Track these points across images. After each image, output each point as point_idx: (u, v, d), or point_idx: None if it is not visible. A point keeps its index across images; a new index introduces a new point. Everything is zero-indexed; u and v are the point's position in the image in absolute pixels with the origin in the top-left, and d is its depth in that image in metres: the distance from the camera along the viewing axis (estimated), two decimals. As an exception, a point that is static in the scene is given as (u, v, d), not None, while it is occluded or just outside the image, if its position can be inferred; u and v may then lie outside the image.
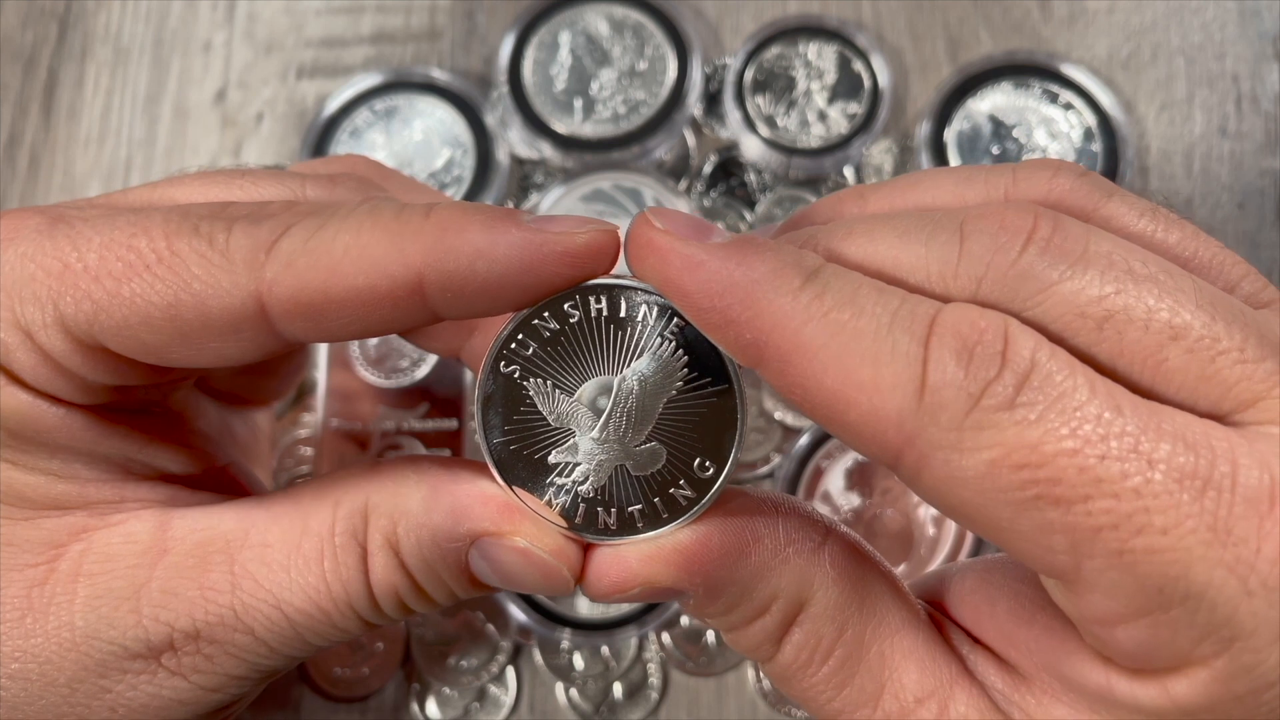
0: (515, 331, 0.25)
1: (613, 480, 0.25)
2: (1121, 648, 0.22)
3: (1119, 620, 0.21)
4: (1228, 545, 0.20)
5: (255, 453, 0.39)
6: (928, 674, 0.25)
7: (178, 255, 0.25)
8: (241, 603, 0.27)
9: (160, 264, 0.25)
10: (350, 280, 0.24)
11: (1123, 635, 0.21)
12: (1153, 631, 0.21)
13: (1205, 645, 0.20)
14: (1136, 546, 0.20)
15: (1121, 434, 0.20)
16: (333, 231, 0.24)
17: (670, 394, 0.25)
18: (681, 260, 0.22)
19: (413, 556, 0.26)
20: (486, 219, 0.24)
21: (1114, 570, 0.20)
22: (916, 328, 0.21)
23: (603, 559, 0.26)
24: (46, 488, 0.27)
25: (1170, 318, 0.22)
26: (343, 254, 0.24)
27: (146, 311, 0.25)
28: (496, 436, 0.25)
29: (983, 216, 0.23)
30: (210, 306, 0.24)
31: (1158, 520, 0.20)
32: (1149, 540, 0.20)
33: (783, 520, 0.26)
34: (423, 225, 0.24)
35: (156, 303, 0.25)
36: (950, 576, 0.28)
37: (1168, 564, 0.20)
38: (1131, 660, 0.22)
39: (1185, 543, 0.20)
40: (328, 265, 0.24)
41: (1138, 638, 0.21)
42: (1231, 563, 0.20)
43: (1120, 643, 0.21)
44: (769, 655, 0.26)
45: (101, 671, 0.27)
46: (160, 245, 0.25)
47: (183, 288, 0.24)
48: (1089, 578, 0.21)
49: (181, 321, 0.25)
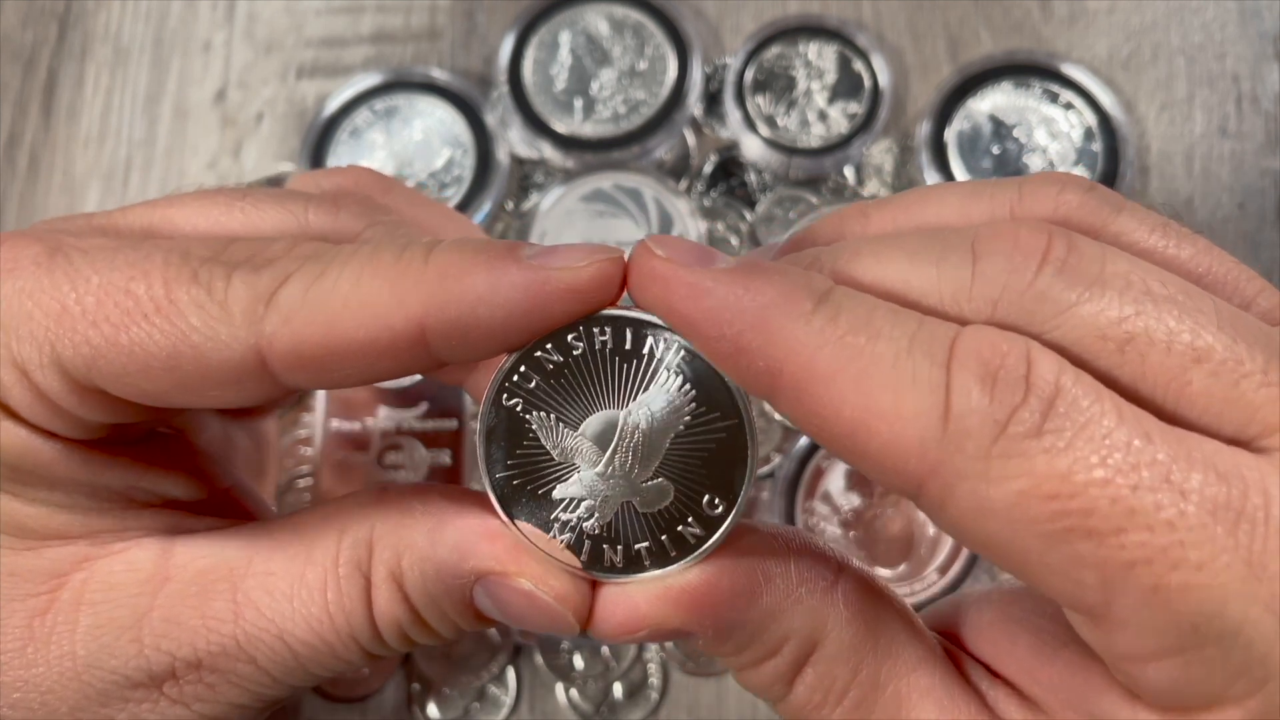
0: (518, 364, 0.24)
1: (619, 517, 0.25)
2: (1152, 686, 0.21)
3: (1151, 658, 0.20)
4: (1264, 580, 0.19)
5: (260, 463, 0.39)
6: (946, 712, 0.24)
7: (176, 304, 0.24)
8: (244, 632, 0.26)
9: (158, 313, 0.24)
10: (350, 333, 0.23)
11: (1154, 673, 0.21)
12: (1185, 670, 0.20)
13: (1239, 684, 0.20)
14: (1171, 583, 0.19)
15: (1153, 463, 0.20)
16: (332, 280, 0.23)
17: (677, 429, 0.24)
18: (686, 288, 0.22)
19: (416, 590, 0.26)
20: (488, 260, 0.23)
21: (1147, 607, 0.20)
22: (937, 351, 0.21)
23: (609, 601, 0.25)
24: (48, 518, 0.27)
25: (1192, 340, 0.21)
26: (342, 306, 0.23)
27: (145, 360, 0.24)
28: (499, 471, 0.25)
29: (995, 236, 0.23)
30: (209, 359, 0.24)
31: (1193, 555, 0.19)
32: (1184, 576, 0.19)
33: (794, 559, 0.25)
34: (423, 272, 0.23)
35: (155, 352, 0.24)
36: (967, 608, 0.27)
37: (1203, 601, 0.19)
38: (1162, 699, 0.21)
39: (1220, 579, 0.19)
40: (326, 319, 0.23)
41: (1170, 676, 0.20)
42: (1268, 599, 0.19)
43: (1151, 681, 0.21)
44: (781, 695, 0.25)
45: (103, 701, 0.27)
46: (159, 292, 0.24)
47: (181, 339, 0.24)
48: (1121, 615, 0.20)
49: (181, 372, 0.24)
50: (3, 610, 0.27)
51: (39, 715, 0.27)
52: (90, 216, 0.29)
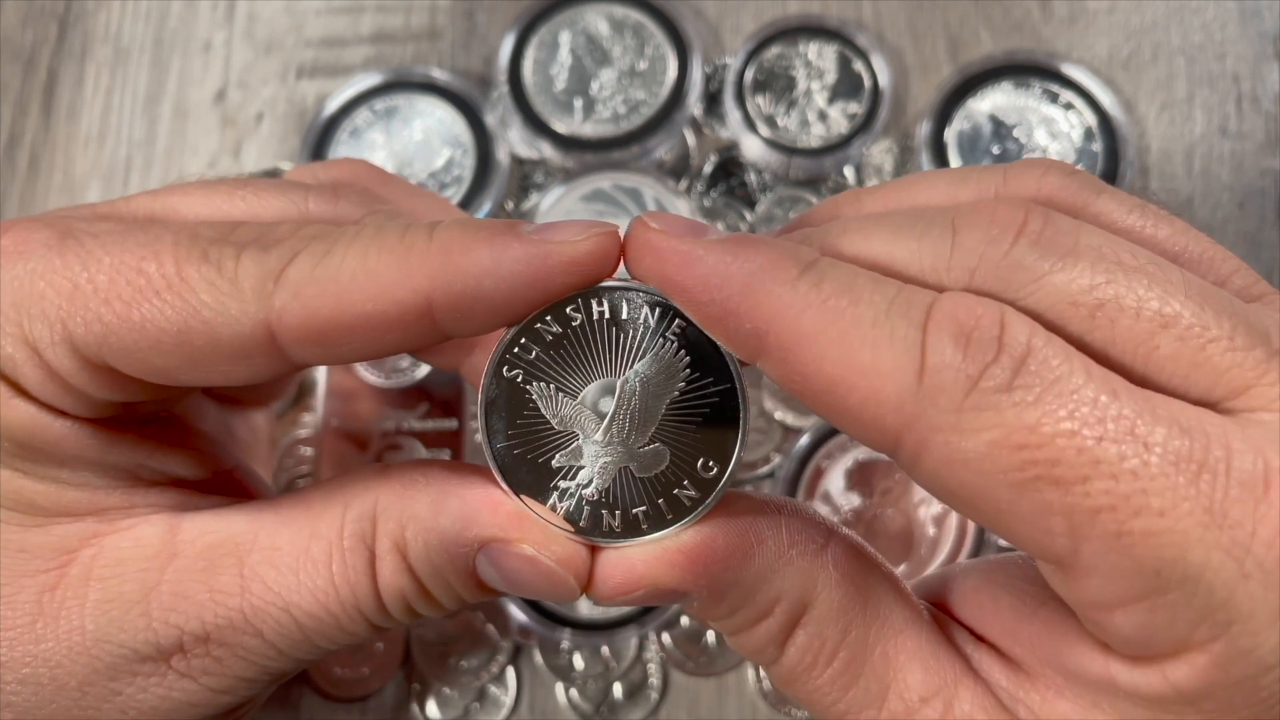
0: (518, 336, 0.25)
1: (617, 482, 0.25)
2: (1120, 633, 0.22)
3: (1117, 604, 0.21)
4: (1224, 528, 0.20)
5: (255, 453, 0.39)
6: (932, 673, 0.25)
7: (187, 282, 0.25)
8: (250, 605, 0.27)
9: (170, 290, 0.25)
10: (359, 307, 0.24)
11: (1121, 620, 0.21)
12: (1150, 615, 0.21)
13: (1203, 629, 0.21)
14: (1134, 528, 0.20)
15: (1118, 417, 0.20)
16: (339, 257, 0.24)
17: (673, 395, 0.25)
18: (678, 257, 0.23)
19: (420, 561, 0.26)
20: (490, 236, 0.24)
21: (1112, 553, 0.21)
22: (914, 314, 0.22)
23: (607, 562, 0.26)
24: (57, 495, 0.27)
25: (1160, 306, 0.22)
26: (350, 280, 0.24)
27: (156, 336, 0.25)
28: (500, 441, 0.25)
29: (974, 211, 0.24)
30: (220, 334, 0.25)
31: (1155, 502, 0.20)
32: (1146, 522, 0.20)
33: (786, 521, 0.26)
34: (428, 248, 0.24)
35: (166, 328, 0.25)
36: (953, 576, 0.28)
37: (1165, 546, 0.20)
38: (1130, 646, 0.22)
39: (1182, 525, 0.20)
40: (335, 292, 0.24)
41: (1136, 622, 0.21)
42: (1228, 545, 0.20)
43: (1119, 628, 0.22)
44: (773, 658, 0.26)
45: (111, 675, 0.27)
46: (170, 270, 0.25)
47: (192, 314, 0.25)
48: (1087, 561, 0.21)
49: (191, 347, 0.25)
50: (12, 586, 0.27)
51: (48, 690, 0.27)
52: (94, 206, 0.30)
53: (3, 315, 0.26)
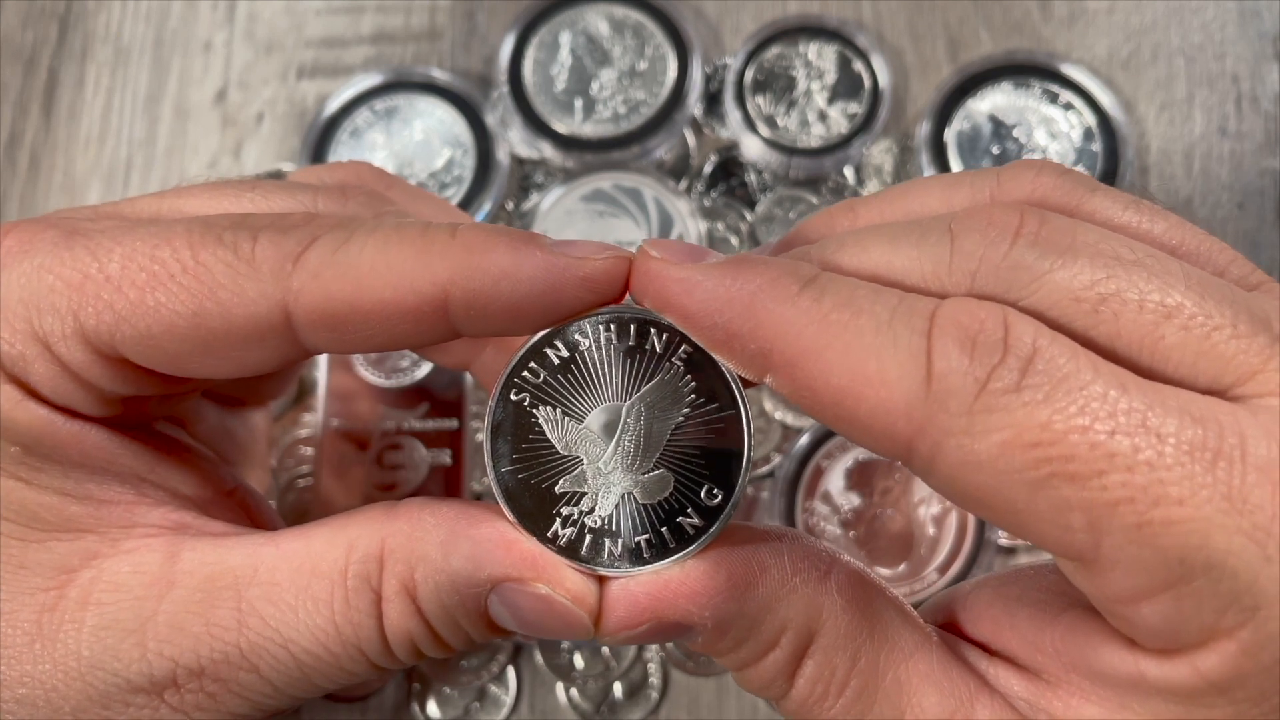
0: (525, 360, 0.25)
1: (620, 509, 0.25)
2: (1147, 625, 0.22)
3: (1143, 596, 0.21)
4: (1244, 513, 0.20)
5: (254, 453, 0.39)
6: (947, 694, 0.25)
7: (203, 265, 0.25)
8: (248, 641, 0.26)
9: (185, 273, 0.25)
10: (377, 293, 0.24)
11: (1148, 612, 0.21)
12: (1177, 605, 0.21)
13: (1229, 616, 0.21)
14: (1155, 518, 0.20)
15: (1129, 410, 0.20)
16: (359, 244, 0.24)
17: (677, 420, 0.25)
18: (680, 283, 0.23)
19: (430, 603, 0.26)
20: (512, 241, 0.24)
21: (1134, 544, 0.20)
22: (917, 321, 0.22)
23: (611, 597, 0.26)
24: (59, 508, 0.27)
25: (1162, 298, 0.22)
26: (369, 267, 0.24)
27: (171, 321, 0.25)
28: (504, 465, 0.25)
29: (971, 216, 0.24)
30: (235, 315, 0.25)
31: (1173, 491, 0.20)
32: (1166, 511, 0.20)
33: (788, 549, 0.26)
34: (449, 244, 0.24)
35: (181, 311, 0.25)
36: (962, 595, 0.27)
37: (1187, 534, 0.20)
38: (1158, 639, 0.22)
39: (1203, 512, 0.20)
40: (355, 277, 0.24)
41: (1162, 613, 0.21)
42: (1250, 530, 0.20)
43: (1145, 620, 0.21)
44: (783, 691, 0.26)
45: (104, 703, 0.27)
46: (185, 255, 0.25)
47: (208, 296, 0.25)
48: (1109, 554, 0.21)
49: (206, 330, 0.25)
50: (13, 603, 0.27)
51: (43, 713, 0.27)
52: (97, 208, 0.30)
53: (10, 312, 0.26)
